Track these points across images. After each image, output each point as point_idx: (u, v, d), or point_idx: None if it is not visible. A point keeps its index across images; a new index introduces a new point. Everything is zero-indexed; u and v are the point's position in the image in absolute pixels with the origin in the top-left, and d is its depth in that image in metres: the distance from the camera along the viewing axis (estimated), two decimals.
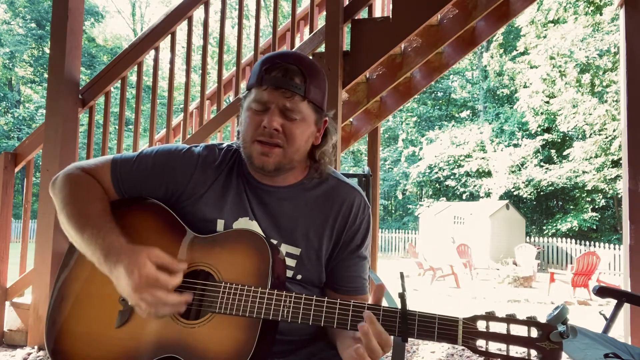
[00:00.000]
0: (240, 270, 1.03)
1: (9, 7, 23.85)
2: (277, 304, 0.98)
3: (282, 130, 1.08)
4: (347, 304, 0.96)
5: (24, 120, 23.18)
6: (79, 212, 1.09)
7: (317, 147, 1.18)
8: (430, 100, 23.62)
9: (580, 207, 16.82)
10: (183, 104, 3.44)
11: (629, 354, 1.67)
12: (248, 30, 22.77)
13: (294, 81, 1.06)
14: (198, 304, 1.04)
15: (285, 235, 1.15)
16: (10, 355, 3.02)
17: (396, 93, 4.30)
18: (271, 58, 1.09)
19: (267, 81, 1.06)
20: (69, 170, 1.16)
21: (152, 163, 1.16)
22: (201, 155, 1.18)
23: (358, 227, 1.19)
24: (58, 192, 1.14)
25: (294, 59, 1.09)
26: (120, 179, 1.15)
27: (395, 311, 0.93)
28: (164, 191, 1.16)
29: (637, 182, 2.82)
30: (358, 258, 1.20)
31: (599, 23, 14.57)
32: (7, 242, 3.37)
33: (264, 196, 1.17)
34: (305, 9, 4.20)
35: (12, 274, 3.38)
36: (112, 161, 1.17)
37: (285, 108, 1.07)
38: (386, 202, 24.50)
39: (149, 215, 1.15)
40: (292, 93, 1.06)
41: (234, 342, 0.98)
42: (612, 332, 1.95)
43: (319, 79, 1.12)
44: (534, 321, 0.88)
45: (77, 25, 3.24)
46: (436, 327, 0.91)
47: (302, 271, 1.16)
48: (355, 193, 1.21)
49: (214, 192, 1.16)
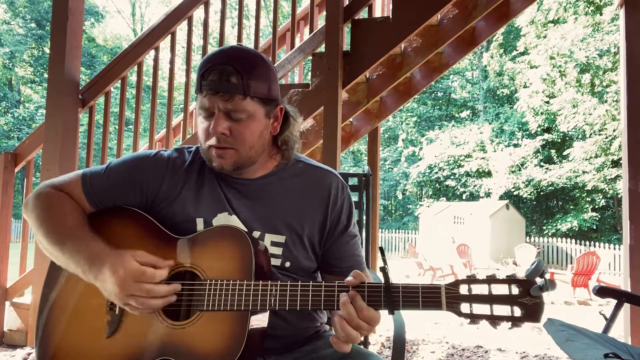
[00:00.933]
0: (224, 267, 1.04)
1: (9, 7, 23.85)
2: (263, 294, 0.99)
3: (230, 132, 1.07)
4: (331, 285, 0.98)
5: (24, 120, 23.17)
6: (56, 228, 1.09)
7: (278, 136, 1.18)
8: (430, 100, 23.62)
9: (580, 207, 16.83)
10: (183, 104, 3.44)
11: (629, 354, 1.67)
12: (248, 30, 22.77)
13: (231, 82, 1.04)
14: (186, 304, 1.04)
15: (267, 225, 1.15)
16: (10, 355, 3.02)
17: (396, 93, 4.30)
18: (207, 61, 1.08)
19: (205, 87, 1.05)
20: (39, 190, 1.16)
21: (122, 171, 1.17)
22: (170, 158, 1.19)
23: (341, 208, 1.20)
24: (31, 212, 1.13)
25: (227, 57, 1.07)
26: (93, 193, 1.15)
27: (379, 286, 0.95)
28: (139, 198, 1.16)
29: (637, 182, 2.82)
30: (348, 236, 1.21)
31: (599, 23, 14.57)
32: (7, 242, 3.37)
33: (240, 189, 1.17)
34: (305, 9, 4.20)
35: (12, 274, 3.38)
36: (82, 176, 1.16)
37: (228, 110, 1.06)
38: (386, 202, 24.50)
39: (127, 223, 1.15)
40: (230, 95, 1.05)
41: (225, 338, 0.99)
42: (612, 332, 1.95)
43: (259, 71, 1.08)
44: (513, 279, 0.90)
45: (77, 25, 3.24)
46: (420, 296, 0.93)
47: (290, 258, 1.16)
48: (331, 176, 1.22)
49: (188, 192, 1.16)
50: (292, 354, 1.16)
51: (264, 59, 1.12)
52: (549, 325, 1.90)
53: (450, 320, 5.74)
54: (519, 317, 0.89)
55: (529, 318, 0.88)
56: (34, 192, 1.16)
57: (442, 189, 21.51)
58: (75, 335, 1.08)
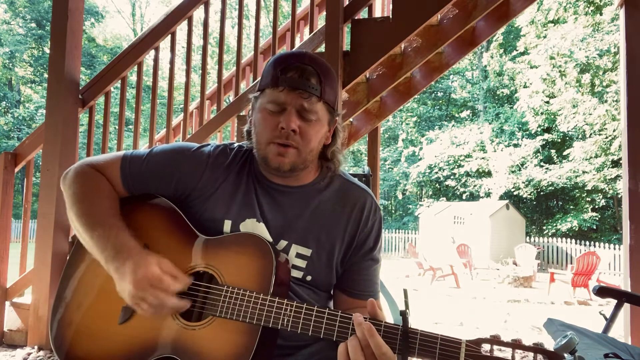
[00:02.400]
0: (244, 274, 1.03)
1: (9, 7, 23.84)
2: (277, 312, 0.98)
3: (299, 131, 1.07)
4: (348, 317, 0.95)
5: (24, 120, 23.17)
6: (88, 211, 1.09)
7: (328, 147, 1.18)
8: (430, 100, 23.62)
9: (580, 207, 16.83)
10: (183, 104, 3.44)
11: (629, 354, 1.67)
12: (248, 30, 22.77)
13: (311, 82, 1.06)
14: (200, 306, 1.04)
15: (296, 236, 1.14)
16: (10, 355, 3.02)
17: (396, 93, 4.29)
18: (285, 58, 1.08)
19: (284, 82, 1.05)
20: (78, 167, 1.16)
21: (162, 162, 1.16)
22: (212, 155, 1.18)
23: (370, 230, 1.19)
24: (67, 188, 1.14)
25: (309, 60, 1.08)
26: (130, 177, 1.15)
27: (397, 328, 0.91)
28: (173, 190, 1.16)
29: (637, 182, 2.82)
30: (371, 261, 1.19)
31: (599, 23, 14.56)
32: (7, 242, 3.37)
33: (276, 196, 1.16)
34: (305, 9, 4.20)
35: (12, 274, 3.38)
36: (122, 158, 1.16)
37: (303, 109, 1.06)
38: (386, 202, 24.50)
39: (156, 213, 1.16)
40: (309, 94, 1.06)
41: (234, 347, 0.98)
42: (612, 332, 1.95)
43: (333, 80, 1.12)
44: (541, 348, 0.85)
45: (77, 25, 3.24)
46: (438, 348, 0.88)
47: (313, 272, 1.15)
48: (367, 195, 1.21)
49: (223, 191, 1.15)
50: (295, 356, 1.16)
51: (333, 70, 1.14)
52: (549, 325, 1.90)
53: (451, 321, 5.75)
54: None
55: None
56: (74, 167, 1.17)
57: (442, 189, 21.51)
58: (88, 316, 1.10)
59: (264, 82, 1.10)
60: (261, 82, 1.11)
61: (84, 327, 1.09)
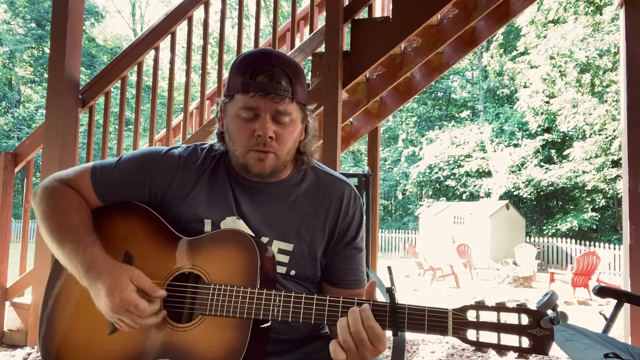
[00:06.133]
0: (229, 271, 1.03)
1: (9, 7, 23.84)
2: (266, 303, 0.98)
3: (275, 136, 1.07)
4: (336, 300, 0.96)
5: (24, 120, 23.17)
6: (57, 226, 1.08)
7: (301, 141, 1.17)
8: (430, 100, 23.62)
9: (580, 207, 16.83)
10: (183, 104, 3.44)
11: (629, 354, 1.67)
12: (248, 30, 22.77)
13: (282, 84, 1.04)
14: (189, 307, 1.04)
15: (276, 232, 1.14)
16: (10, 355, 3.02)
17: (396, 93, 4.30)
18: (252, 61, 1.06)
19: (254, 87, 1.03)
20: (47, 183, 1.14)
21: (132, 168, 1.15)
22: (182, 156, 1.16)
23: (351, 219, 1.18)
24: (37, 206, 1.13)
25: (276, 61, 1.06)
26: (102, 187, 1.14)
27: (385, 305, 0.93)
28: (148, 194, 1.15)
29: (637, 182, 2.82)
30: (354, 250, 1.19)
31: (599, 23, 14.56)
32: (7, 242, 3.37)
33: (253, 194, 1.15)
34: (305, 9, 4.20)
35: (12, 274, 3.38)
36: (92, 169, 1.15)
37: (277, 112, 1.05)
38: (386, 202, 24.50)
39: (136, 220, 1.14)
40: (281, 97, 1.04)
41: (226, 343, 0.98)
42: (612, 332, 1.95)
43: (302, 76, 1.10)
44: (524, 308, 0.88)
45: (77, 25, 3.24)
46: (426, 319, 0.90)
47: (296, 267, 1.15)
48: (344, 185, 1.20)
49: (198, 192, 1.14)
50: (292, 354, 1.16)
51: (299, 64, 1.13)
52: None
53: None
54: (526, 349, 0.86)
55: (537, 350, 0.85)
56: (42, 184, 1.15)
57: (442, 189, 21.51)
58: (79, 330, 1.09)
59: (233, 87, 1.07)
60: (229, 87, 1.09)
61: (73, 341, 1.08)
